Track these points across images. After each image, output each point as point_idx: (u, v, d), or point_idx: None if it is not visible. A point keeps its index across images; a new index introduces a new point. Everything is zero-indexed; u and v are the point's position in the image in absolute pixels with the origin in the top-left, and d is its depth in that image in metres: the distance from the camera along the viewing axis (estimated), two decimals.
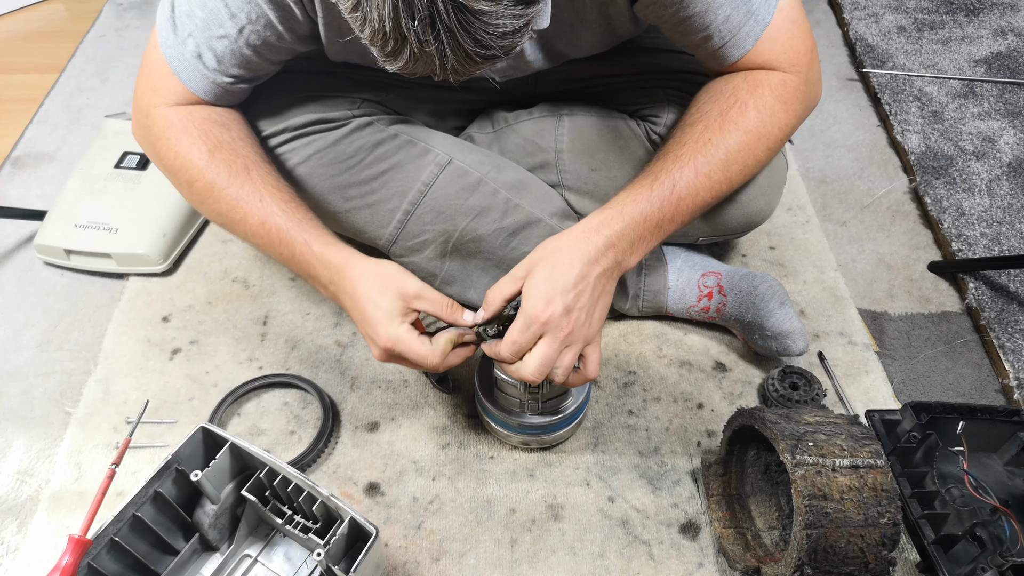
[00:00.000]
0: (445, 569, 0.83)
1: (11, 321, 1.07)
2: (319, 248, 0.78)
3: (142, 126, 0.84)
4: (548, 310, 0.72)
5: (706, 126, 0.80)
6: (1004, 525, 0.78)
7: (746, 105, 0.79)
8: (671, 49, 0.99)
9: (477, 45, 0.55)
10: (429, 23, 0.52)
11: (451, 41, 0.54)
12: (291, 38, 0.79)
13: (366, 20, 0.54)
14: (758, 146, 0.80)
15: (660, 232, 0.79)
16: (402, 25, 0.53)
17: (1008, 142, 1.37)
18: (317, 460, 0.91)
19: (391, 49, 0.56)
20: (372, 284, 0.76)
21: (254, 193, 0.79)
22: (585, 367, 0.77)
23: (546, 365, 0.73)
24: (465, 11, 0.52)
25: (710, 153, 0.78)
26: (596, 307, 0.76)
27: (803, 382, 0.96)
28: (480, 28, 0.54)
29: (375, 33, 0.55)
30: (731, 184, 0.81)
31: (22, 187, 1.28)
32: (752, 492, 0.86)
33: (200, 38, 0.77)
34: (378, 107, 0.96)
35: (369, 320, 0.76)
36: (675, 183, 0.78)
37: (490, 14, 0.53)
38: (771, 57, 0.80)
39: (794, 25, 0.80)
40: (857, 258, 1.20)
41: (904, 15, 1.68)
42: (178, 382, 0.99)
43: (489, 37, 0.55)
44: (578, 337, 0.74)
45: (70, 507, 0.87)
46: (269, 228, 0.79)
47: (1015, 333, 1.07)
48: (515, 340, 0.73)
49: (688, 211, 0.79)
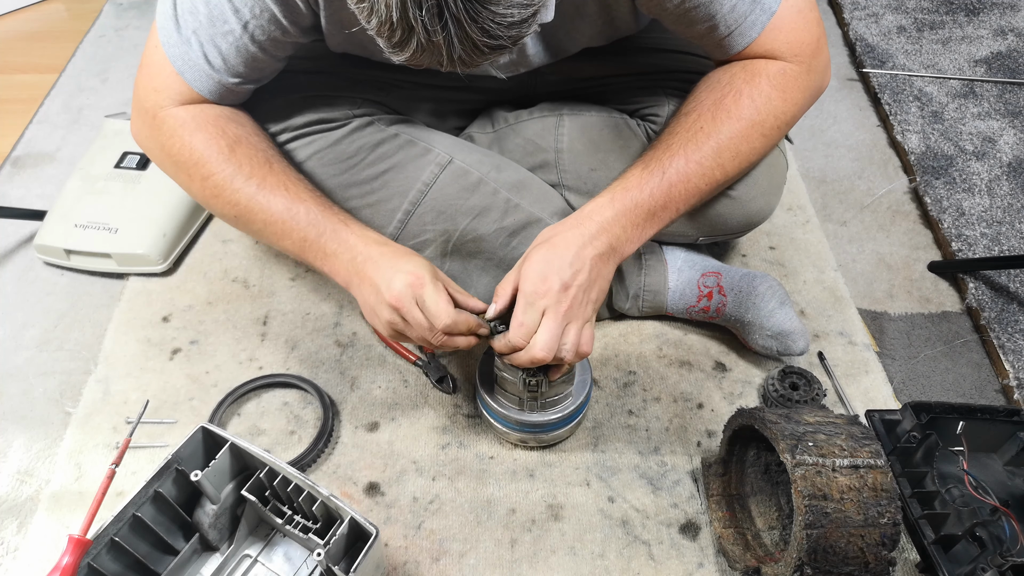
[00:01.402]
0: (445, 569, 0.83)
1: (11, 321, 1.07)
2: (357, 227, 0.81)
3: (149, 126, 0.84)
4: (545, 285, 0.74)
5: (699, 115, 0.81)
6: (1004, 525, 0.78)
7: (740, 93, 0.80)
8: (671, 49, 0.99)
9: (485, 35, 0.55)
10: (436, 13, 0.53)
11: (459, 31, 0.54)
12: (295, 31, 0.79)
13: (373, 10, 0.54)
14: (751, 134, 0.81)
15: (654, 219, 0.80)
16: (409, 15, 0.53)
17: (1008, 142, 1.37)
18: (317, 460, 0.91)
19: (398, 39, 0.56)
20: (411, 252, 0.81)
21: (278, 183, 0.81)
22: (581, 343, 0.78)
23: (553, 339, 0.74)
24: (474, 1, 0.52)
25: (700, 141, 0.79)
26: (593, 288, 0.77)
27: (803, 382, 0.96)
28: (488, 18, 0.54)
29: (382, 23, 0.55)
30: (725, 172, 0.82)
31: (22, 187, 1.28)
32: (752, 492, 0.86)
33: (204, 35, 0.77)
34: (379, 107, 0.96)
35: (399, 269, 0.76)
36: (665, 170, 0.79)
37: (498, 3, 0.53)
38: (774, 46, 0.80)
39: (800, 14, 0.80)
40: (857, 258, 1.20)
41: (904, 15, 1.68)
42: (178, 382, 0.99)
43: (497, 27, 0.55)
44: (577, 315, 0.76)
45: (70, 507, 0.87)
46: (296, 213, 0.80)
47: (1015, 333, 1.07)
48: (521, 321, 0.75)
49: (682, 198, 0.80)
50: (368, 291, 0.79)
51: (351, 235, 0.80)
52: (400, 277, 0.76)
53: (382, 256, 0.79)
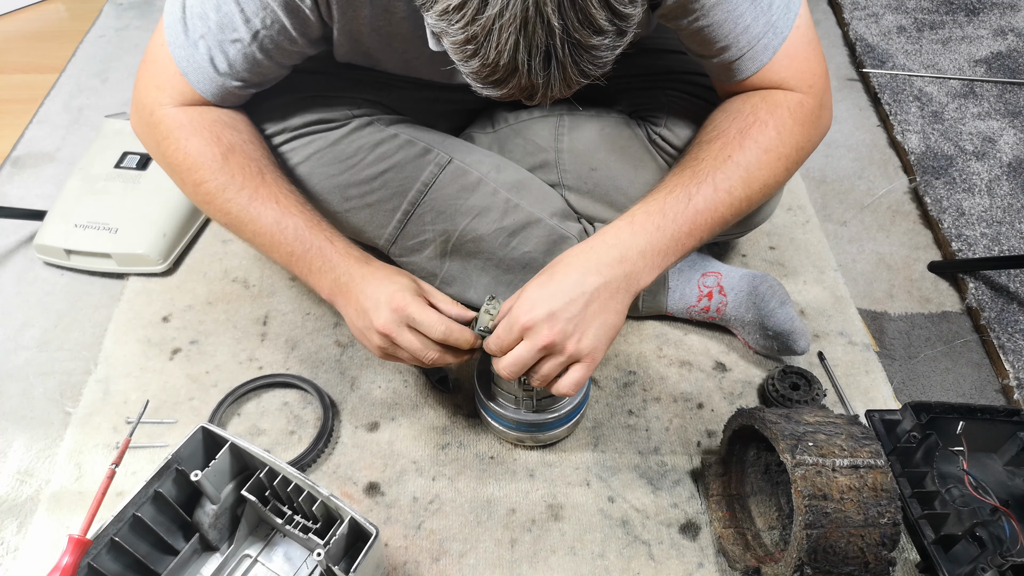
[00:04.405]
0: (445, 569, 0.83)
1: (11, 321, 1.07)
2: (341, 244, 0.81)
3: (145, 123, 0.84)
4: (529, 315, 0.71)
5: (725, 143, 0.78)
6: (1004, 525, 0.78)
7: (766, 124, 0.78)
8: (672, 50, 0.99)
9: (581, 75, 0.59)
10: (544, 59, 0.55)
11: (560, 73, 0.57)
12: (303, 42, 0.79)
13: (478, 53, 0.56)
14: (778, 165, 0.79)
15: (676, 247, 0.75)
16: (519, 60, 0.55)
17: (1008, 142, 1.37)
18: (317, 460, 0.91)
19: (497, 79, 0.58)
20: (391, 271, 0.80)
21: (270, 196, 0.80)
22: (559, 380, 0.74)
23: (516, 366, 0.73)
24: (579, 47, 0.55)
25: (730, 169, 0.76)
26: (590, 322, 0.71)
27: (803, 382, 0.96)
28: (588, 60, 0.57)
29: (485, 65, 0.57)
30: (751, 203, 0.79)
31: (22, 187, 1.28)
32: (752, 492, 0.86)
33: (212, 40, 0.77)
34: (378, 107, 0.96)
35: (381, 293, 0.76)
36: (691, 196, 0.75)
37: (599, 47, 0.56)
38: (787, 75, 0.79)
39: (809, 46, 0.79)
40: (857, 258, 1.20)
41: (904, 15, 1.68)
42: (178, 382, 0.99)
43: (593, 68, 0.58)
44: (562, 349, 0.71)
45: (70, 507, 0.87)
46: (284, 227, 0.80)
47: (1015, 333, 1.07)
48: (499, 336, 0.74)
49: (706, 226, 0.76)
50: (353, 314, 0.79)
51: (335, 253, 0.80)
52: (383, 311, 0.76)
53: (363, 278, 0.78)
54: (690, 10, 0.74)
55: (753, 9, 0.74)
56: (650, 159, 0.96)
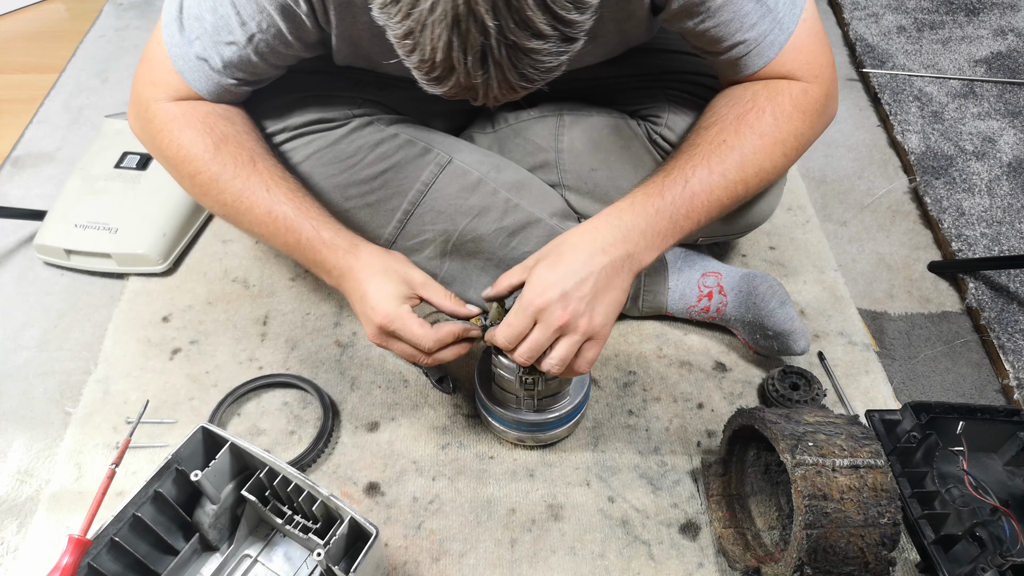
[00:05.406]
0: (445, 569, 0.83)
1: (11, 321, 1.07)
2: (328, 234, 0.79)
3: (141, 119, 0.84)
4: (543, 296, 0.71)
5: (721, 128, 0.79)
6: (1004, 525, 0.78)
7: (763, 111, 0.78)
8: (673, 50, 0.99)
9: (522, 79, 0.58)
10: (480, 58, 0.55)
11: (499, 75, 0.57)
12: (299, 46, 0.79)
13: (416, 48, 0.56)
14: (774, 151, 0.79)
15: (675, 228, 0.77)
16: (453, 58, 0.55)
17: (1008, 142, 1.37)
18: (317, 460, 0.91)
19: (436, 76, 0.58)
20: (378, 267, 0.78)
21: (260, 184, 0.80)
22: (575, 360, 0.75)
23: (534, 350, 0.73)
24: (516, 49, 0.55)
25: (724, 154, 0.77)
26: (599, 300, 0.73)
27: (803, 382, 0.96)
28: (528, 64, 0.56)
29: (423, 61, 0.57)
30: (747, 187, 0.80)
31: (22, 187, 1.28)
32: (752, 492, 0.86)
33: (208, 42, 0.77)
34: (378, 107, 0.96)
35: (370, 299, 0.76)
36: (687, 179, 0.77)
37: (539, 51, 0.55)
38: (793, 67, 0.79)
39: (816, 38, 0.80)
40: (857, 258, 1.20)
41: (904, 15, 1.68)
42: (178, 382, 0.99)
43: (534, 72, 0.58)
44: (576, 327, 0.72)
45: (70, 507, 0.87)
46: (276, 216, 0.79)
47: (1015, 333, 1.07)
48: (511, 323, 0.73)
49: (703, 209, 0.78)
50: (355, 301, 0.79)
51: (323, 247, 0.79)
52: (370, 326, 0.77)
53: (353, 275, 0.78)
54: (696, 12, 0.75)
55: (759, 7, 0.75)
56: (650, 159, 0.96)
